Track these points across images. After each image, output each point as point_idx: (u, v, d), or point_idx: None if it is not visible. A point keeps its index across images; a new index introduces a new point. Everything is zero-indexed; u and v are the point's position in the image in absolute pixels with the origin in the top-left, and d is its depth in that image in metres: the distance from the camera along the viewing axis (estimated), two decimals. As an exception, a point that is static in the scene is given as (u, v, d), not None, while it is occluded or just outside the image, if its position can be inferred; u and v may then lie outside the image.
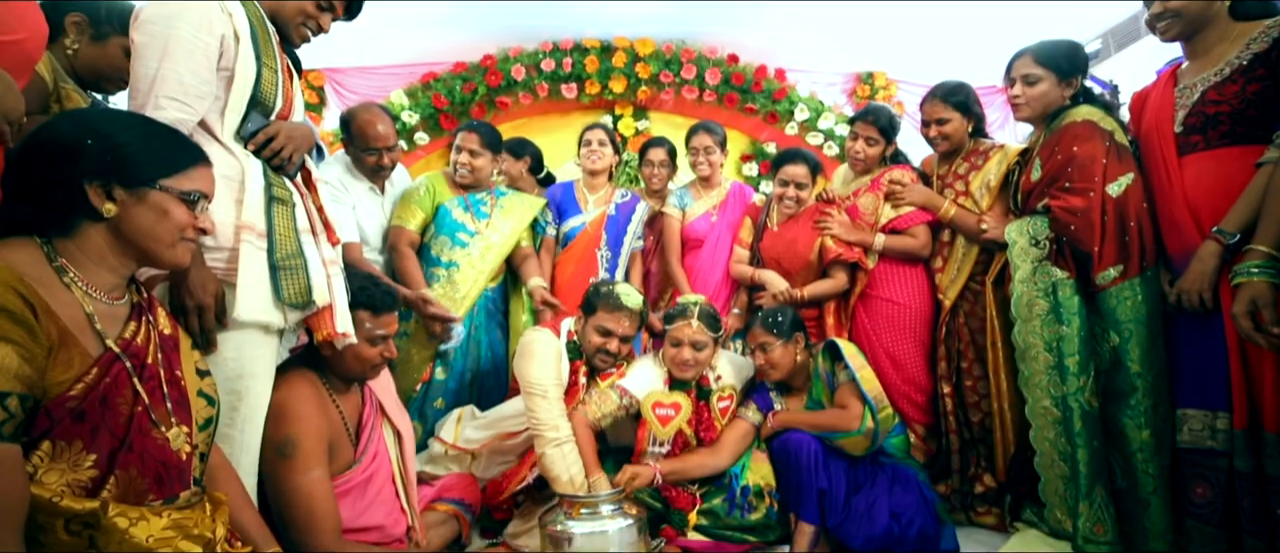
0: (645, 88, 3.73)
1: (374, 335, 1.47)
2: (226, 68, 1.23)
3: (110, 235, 0.94)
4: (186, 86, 1.15)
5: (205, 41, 1.18)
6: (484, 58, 3.73)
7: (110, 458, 0.87)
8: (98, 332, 0.90)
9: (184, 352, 1.04)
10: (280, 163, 1.32)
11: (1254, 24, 1.53)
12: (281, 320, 1.25)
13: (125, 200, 0.93)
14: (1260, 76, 1.47)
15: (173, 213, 0.96)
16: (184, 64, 1.15)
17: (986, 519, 2.01)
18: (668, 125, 3.90)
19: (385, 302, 1.50)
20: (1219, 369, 1.51)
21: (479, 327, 2.33)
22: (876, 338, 2.20)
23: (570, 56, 3.69)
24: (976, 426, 2.07)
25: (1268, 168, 1.42)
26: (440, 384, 2.25)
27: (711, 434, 1.95)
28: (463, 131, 2.42)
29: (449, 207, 2.33)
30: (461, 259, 2.27)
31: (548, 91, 3.73)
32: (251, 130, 1.28)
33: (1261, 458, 1.42)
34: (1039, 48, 1.90)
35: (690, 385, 1.98)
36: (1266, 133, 1.46)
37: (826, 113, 3.78)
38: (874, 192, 2.28)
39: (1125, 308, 1.68)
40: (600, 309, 1.92)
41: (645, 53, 3.68)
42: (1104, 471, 1.71)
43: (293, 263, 1.26)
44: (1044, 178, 1.84)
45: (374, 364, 1.48)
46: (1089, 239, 1.70)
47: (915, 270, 2.22)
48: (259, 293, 1.20)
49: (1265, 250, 1.34)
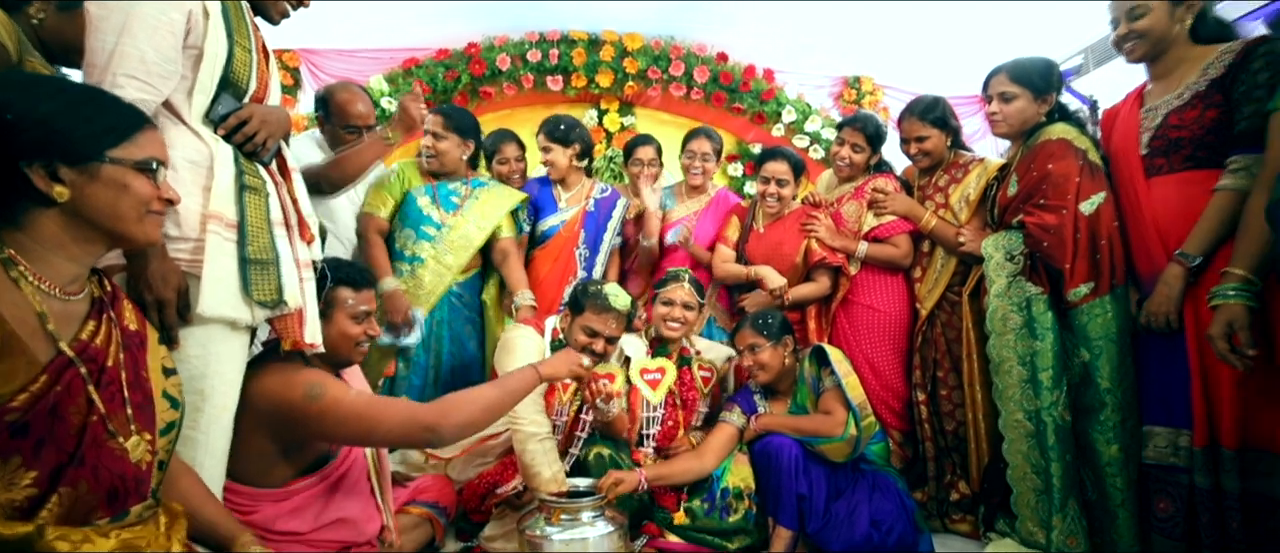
0: (632, 83, 3.69)
1: (356, 312, 1.44)
2: (194, 46, 1.16)
3: (66, 220, 0.86)
4: (149, 65, 1.08)
5: (171, 17, 1.11)
6: (468, 46, 3.66)
7: (54, 475, 0.79)
8: (50, 334, 0.82)
9: (151, 349, 0.97)
10: (254, 149, 1.25)
11: (1212, 48, 1.57)
12: (250, 317, 1.19)
13: (75, 180, 0.84)
14: (1217, 102, 1.52)
15: (133, 186, 0.89)
16: (145, 40, 1.08)
17: (961, 527, 2.06)
18: (654, 121, 3.87)
19: (364, 277, 1.49)
20: (1183, 388, 1.56)
21: (441, 322, 2.22)
22: (856, 344, 2.22)
23: (557, 48, 3.64)
24: (950, 434, 2.11)
25: (1224, 192, 1.48)
26: (404, 381, 2.17)
27: (692, 393, 2.06)
28: (430, 114, 2.22)
29: (415, 195, 2.20)
30: (426, 254, 2.17)
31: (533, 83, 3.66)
32: (222, 113, 1.21)
33: (1219, 475, 1.48)
34: (1014, 66, 1.94)
35: (669, 352, 2.08)
36: (1224, 157, 1.51)
37: (814, 115, 3.79)
38: (858, 199, 2.30)
39: (1096, 325, 1.72)
40: (588, 309, 1.91)
41: (634, 48, 3.65)
42: (1077, 484, 1.75)
43: (264, 257, 1.20)
44: (1020, 194, 1.88)
45: (358, 342, 1.45)
46: (1062, 256, 1.74)
47: (896, 279, 2.25)
48: (226, 287, 1.14)
49: (1241, 274, 1.38)
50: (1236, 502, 1.44)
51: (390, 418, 1.27)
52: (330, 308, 1.42)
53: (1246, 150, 1.46)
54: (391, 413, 1.28)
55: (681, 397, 2.07)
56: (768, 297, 2.26)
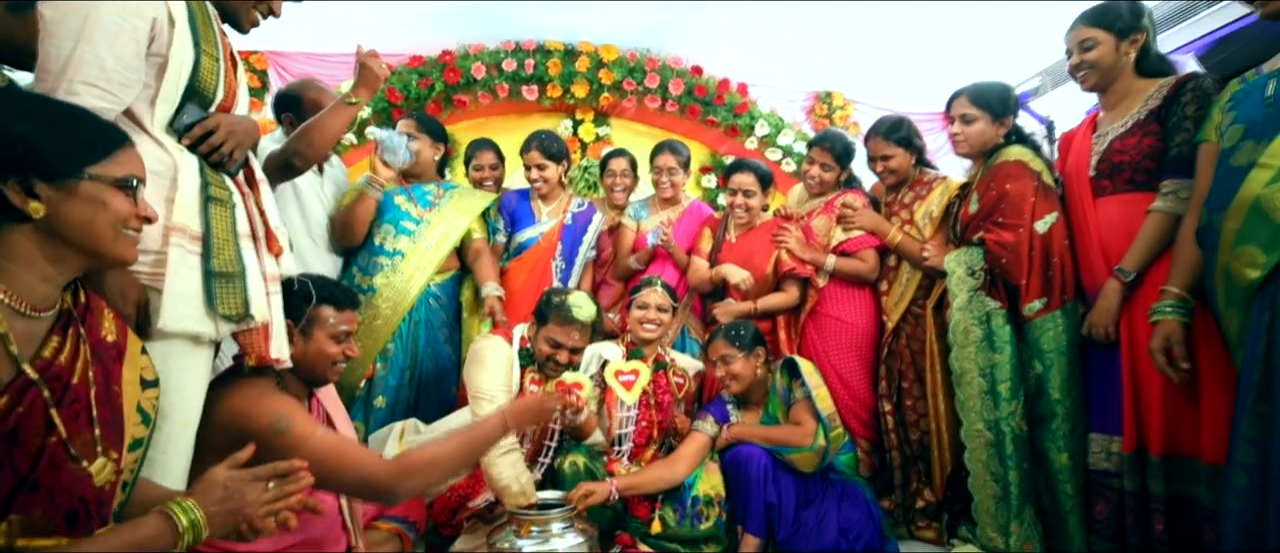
0: (608, 94, 3.72)
1: (337, 332, 1.43)
2: (158, 53, 1.12)
3: (40, 237, 0.83)
4: (109, 72, 1.04)
5: (133, 23, 1.08)
6: (443, 53, 3.64)
7: (5, 502, 0.75)
8: (11, 355, 0.79)
9: (129, 360, 0.94)
10: (220, 159, 1.22)
11: (1154, 81, 1.69)
12: (213, 332, 1.16)
13: (52, 196, 0.82)
14: (1154, 131, 1.63)
15: (111, 203, 0.86)
16: (106, 47, 1.04)
17: (926, 534, 2.12)
18: (629, 132, 3.89)
19: (347, 297, 1.49)
20: (1119, 397, 1.66)
21: (418, 322, 2.28)
22: (825, 354, 2.27)
23: (533, 58, 3.64)
24: (916, 443, 2.17)
25: (1157, 215, 1.59)
26: (381, 381, 2.20)
27: (667, 397, 2.11)
28: (402, 120, 2.41)
29: (392, 195, 2.29)
30: (407, 248, 2.24)
31: (508, 92, 3.66)
32: (187, 123, 1.18)
33: (1146, 479, 1.58)
34: (975, 90, 2.03)
35: (645, 356, 2.13)
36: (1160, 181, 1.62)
37: (786, 129, 3.86)
38: (827, 214, 2.36)
39: (1048, 338, 1.80)
40: (552, 320, 1.93)
41: (609, 59, 3.67)
42: (1032, 491, 1.83)
43: (230, 270, 1.18)
44: (980, 212, 1.95)
45: (336, 362, 1.44)
46: (1018, 272, 1.82)
47: (863, 292, 2.31)
48: (189, 301, 1.11)
49: (1177, 292, 1.48)
50: (1161, 504, 1.55)
51: (349, 471, 1.24)
52: (311, 326, 1.41)
53: (1177, 175, 1.58)
54: (351, 467, 1.25)
55: (656, 399, 2.10)
56: (739, 305, 2.31)
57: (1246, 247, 1.23)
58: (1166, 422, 1.55)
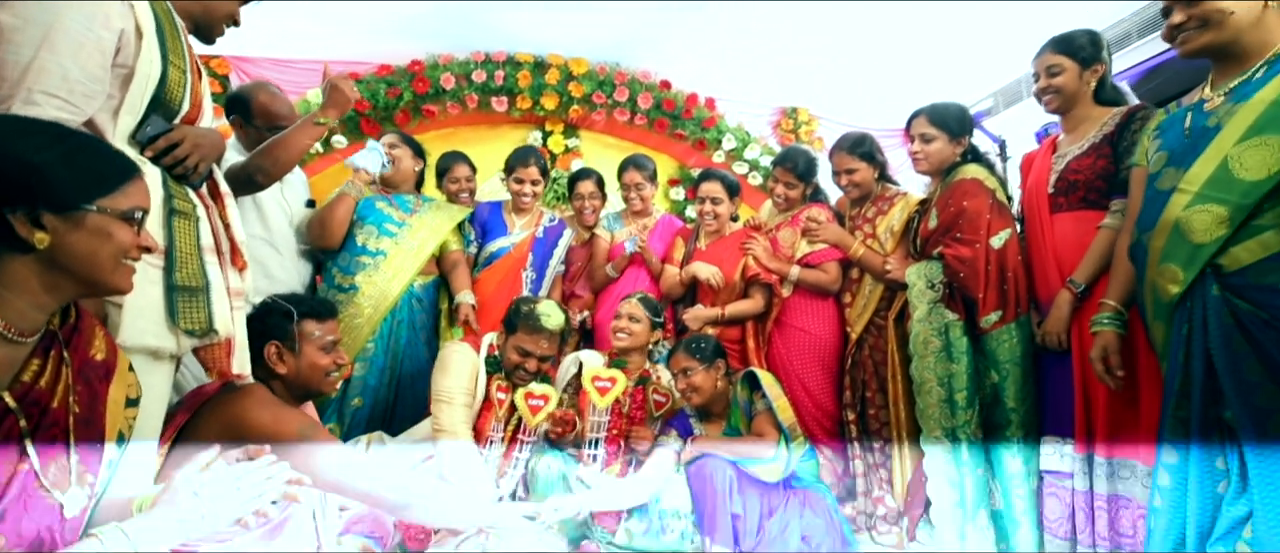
0: (578, 107, 3.74)
1: (325, 343, 1.46)
2: (123, 65, 1.10)
3: (39, 266, 0.81)
4: (72, 83, 1.02)
5: (100, 34, 1.06)
6: (412, 63, 3.61)
7: None
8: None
9: (118, 377, 0.92)
10: (185, 171, 1.20)
11: (1110, 109, 1.81)
12: (175, 346, 1.14)
13: (58, 226, 0.81)
14: (1106, 154, 1.74)
15: (116, 235, 0.85)
16: (70, 57, 1.02)
17: (887, 539, 2.17)
18: (599, 145, 3.92)
19: (326, 308, 1.52)
20: (1071, 402, 1.74)
21: (401, 322, 2.30)
22: (790, 364, 2.33)
23: (503, 69, 3.64)
24: (878, 451, 2.23)
25: (1106, 231, 1.69)
26: (360, 382, 2.20)
27: (641, 413, 2.12)
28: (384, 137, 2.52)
29: (372, 201, 2.34)
30: (389, 248, 2.27)
31: (477, 103, 3.65)
32: (151, 134, 1.16)
33: (1093, 479, 1.66)
34: (933, 110, 2.12)
35: (626, 366, 2.17)
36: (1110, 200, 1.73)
37: (753, 143, 3.94)
38: (794, 227, 2.43)
39: (1004, 349, 1.88)
40: (520, 329, 1.95)
41: (579, 72, 3.70)
42: (987, 495, 1.89)
43: (194, 284, 1.16)
44: (939, 227, 2.03)
45: (328, 372, 1.46)
46: (975, 286, 1.90)
47: (827, 303, 2.37)
48: (149, 316, 1.09)
49: (1113, 305, 1.58)
50: (1106, 503, 1.64)
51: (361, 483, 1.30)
52: (299, 342, 1.42)
53: (1124, 196, 1.68)
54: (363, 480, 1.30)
55: (629, 411, 2.11)
56: (708, 311, 2.37)
57: (1168, 264, 1.32)
58: (1111, 425, 1.64)
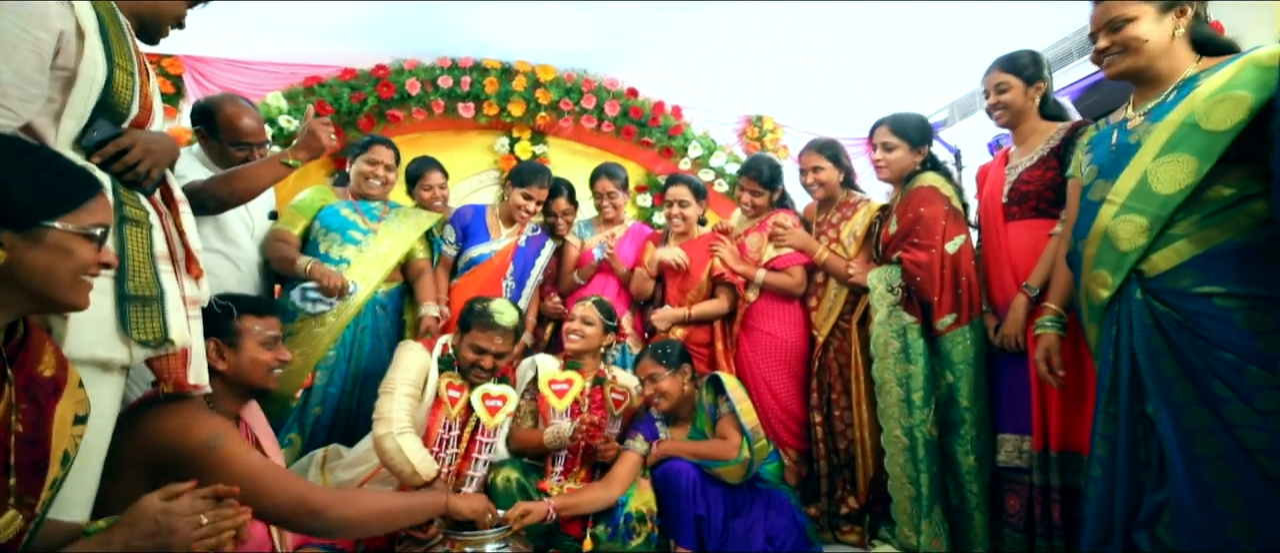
0: (544, 113, 3.74)
1: (266, 338, 1.43)
2: (64, 67, 1.05)
3: None
4: (4, 86, 0.97)
5: (36, 36, 1.01)
6: (376, 67, 3.55)
7: None
8: None
9: (67, 394, 0.89)
10: (135, 178, 1.16)
11: (1056, 123, 1.91)
12: (125, 357, 1.09)
13: (15, 243, 0.79)
14: (1054, 166, 1.83)
15: (77, 252, 0.84)
16: (3, 59, 0.97)
17: (850, 537, 2.21)
18: (566, 151, 3.93)
19: (266, 304, 1.51)
20: (1027, 400, 1.81)
21: (365, 329, 2.25)
22: (757, 368, 2.36)
23: (469, 75, 3.62)
24: (843, 452, 2.28)
25: (1056, 238, 1.76)
26: (320, 390, 2.15)
27: (601, 412, 2.14)
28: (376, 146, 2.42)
29: (337, 207, 2.29)
30: (353, 256, 2.21)
31: (444, 109, 3.62)
32: (97, 139, 1.11)
33: (1048, 473, 1.73)
34: (895, 120, 2.19)
35: (581, 368, 2.19)
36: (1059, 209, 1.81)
37: (718, 151, 4.00)
38: (760, 232, 2.48)
39: (958, 351, 1.94)
40: (475, 327, 1.94)
41: (546, 79, 3.70)
42: (942, 491, 1.95)
43: (147, 293, 1.11)
44: (898, 233, 2.10)
45: (271, 368, 1.44)
46: (931, 289, 1.96)
47: (793, 307, 2.42)
48: (98, 327, 1.04)
49: (1054, 308, 1.66)
50: (1058, 495, 1.71)
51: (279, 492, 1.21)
52: (238, 338, 1.40)
53: None
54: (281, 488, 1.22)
55: (589, 410, 2.12)
56: (675, 311, 2.43)
57: (1099, 270, 1.40)
58: (1062, 422, 1.72)
